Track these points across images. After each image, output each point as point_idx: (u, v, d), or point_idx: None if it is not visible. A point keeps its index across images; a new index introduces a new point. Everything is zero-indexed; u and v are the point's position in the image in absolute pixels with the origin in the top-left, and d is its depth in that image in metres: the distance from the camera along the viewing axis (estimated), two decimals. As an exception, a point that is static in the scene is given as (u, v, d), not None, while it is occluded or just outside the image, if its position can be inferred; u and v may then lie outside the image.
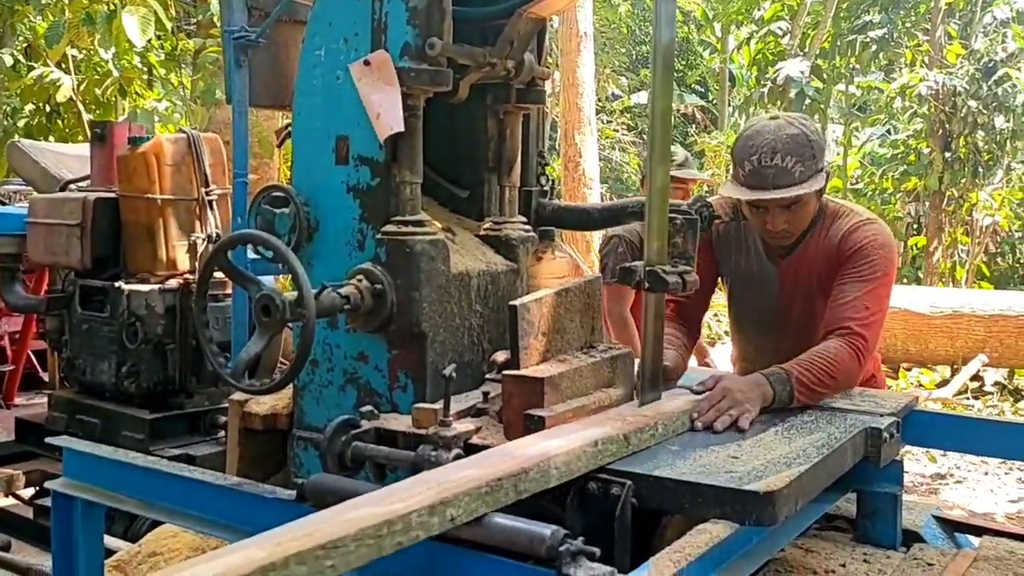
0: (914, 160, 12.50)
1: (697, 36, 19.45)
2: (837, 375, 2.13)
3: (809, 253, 2.42)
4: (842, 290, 2.28)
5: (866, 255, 2.31)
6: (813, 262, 2.41)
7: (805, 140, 2.26)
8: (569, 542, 1.31)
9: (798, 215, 2.33)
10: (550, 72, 2.40)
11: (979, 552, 2.02)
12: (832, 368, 2.12)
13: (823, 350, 2.17)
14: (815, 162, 2.27)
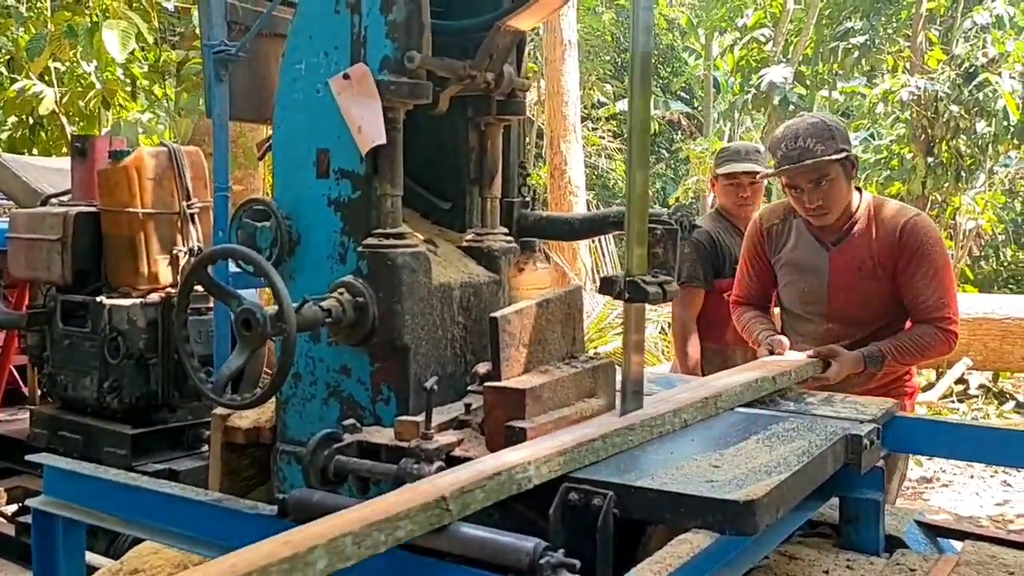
0: (897, 165, 12.58)
1: (682, 43, 19.55)
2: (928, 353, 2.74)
3: (857, 241, 2.77)
4: (922, 285, 2.72)
5: (929, 250, 2.72)
6: (863, 249, 2.76)
7: (824, 126, 2.70)
8: (549, 554, 1.32)
9: (830, 192, 2.70)
10: (530, 83, 2.41)
11: (961, 557, 2.03)
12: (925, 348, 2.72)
13: (920, 335, 2.73)
14: (835, 142, 2.66)
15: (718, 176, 3.89)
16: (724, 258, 3.77)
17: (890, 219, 2.75)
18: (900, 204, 2.87)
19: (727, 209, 3.91)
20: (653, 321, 8.96)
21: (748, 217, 3.95)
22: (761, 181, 3.86)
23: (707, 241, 3.75)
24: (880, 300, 2.79)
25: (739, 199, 3.83)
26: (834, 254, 2.80)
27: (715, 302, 3.76)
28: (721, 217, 3.92)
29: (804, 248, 2.85)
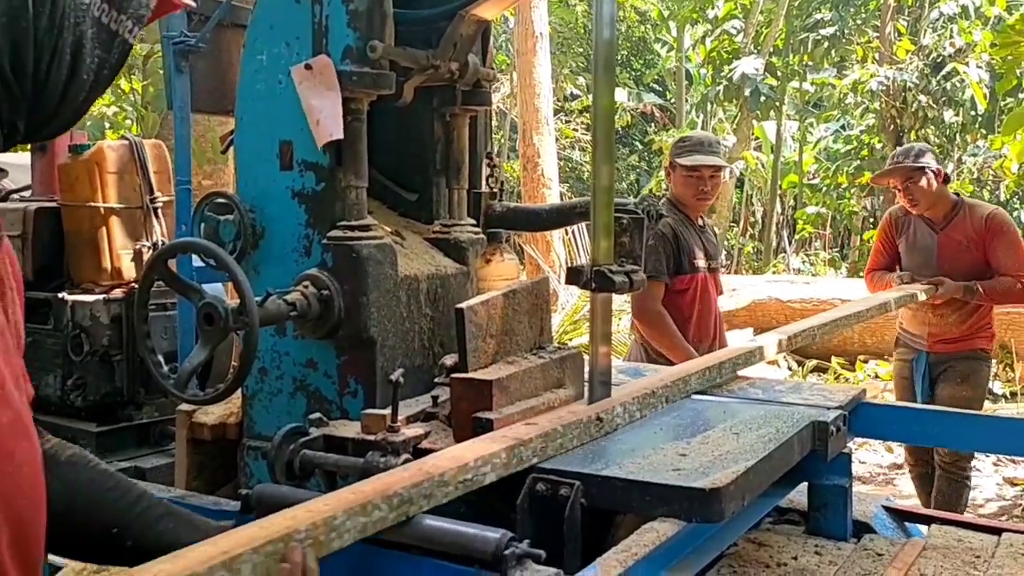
0: (867, 155, 12.70)
1: (653, 35, 19.60)
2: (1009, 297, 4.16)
3: (958, 227, 4.15)
4: (1004, 256, 4.08)
5: (1007, 230, 4.14)
6: (962, 233, 4.14)
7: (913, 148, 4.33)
8: (515, 545, 1.31)
9: (924, 189, 4.12)
10: (495, 73, 2.40)
11: (928, 541, 2.05)
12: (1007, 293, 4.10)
13: (1002, 282, 4.07)
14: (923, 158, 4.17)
15: (677, 165, 3.74)
16: (683, 252, 3.66)
17: (979, 211, 4.21)
18: (983, 202, 4.38)
19: (682, 200, 3.76)
20: (626, 312, 8.99)
21: (702, 210, 3.88)
22: (719, 175, 3.78)
23: (670, 235, 3.63)
24: (971, 266, 4.13)
25: (699, 192, 3.71)
26: (941, 236, 4.18)
27: (675, 300, 3.66)
28: (675, 208, 3.76)
29: (921, 233, 4.23)
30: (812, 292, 8.58)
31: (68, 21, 0.95)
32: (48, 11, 0.93)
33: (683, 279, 3.65)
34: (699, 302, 3.71)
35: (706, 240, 3.81)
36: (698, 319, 3.72)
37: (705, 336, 3.65)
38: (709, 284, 3.77)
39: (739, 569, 1.86)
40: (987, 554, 1.95)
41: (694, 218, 3.80)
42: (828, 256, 15.30)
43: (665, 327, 3.60)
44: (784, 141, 15.19)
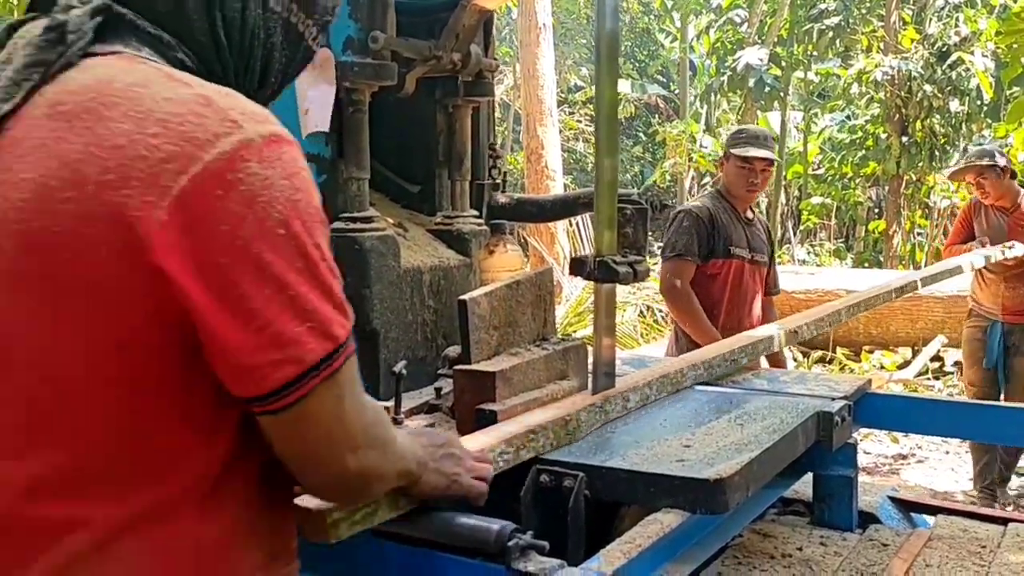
0: (872, 145, 12.64)
1: (657, 26, 19.53)
2: None
3: (1021, 213, 4.83)
4: None
5: None
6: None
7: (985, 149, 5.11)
8: (518, 536, 1.30)
9: (994, 182, 4.78)
10: (498, 64, 2.39)
11: (933, 531, 2.04)
12: None
13: None
14: (1001, 160, 4.81)
15: (731, 156, 3.83)
16: (720, 238, 3.73)
17: None
18: None
19: (731, 191, 3.85)
20: (632, 304, 8.98)
21: (750, 202, 3.95)
22: (770, 169, 3.89)
23: (707, 218, 3.72)
24: None
25: (749, 184, 3.81)
26: (1010, 221, 4.84)
27: (706, 282, 3.72)
28: (721, 198, 3.86)
29: (992, 218, 4.91)
30: (817, 283, 8.56)
31: (261, 31, 1.04)
32: (250, 19, 1.03)
33: (716, 263, 3.72)
34: (731, 289, 3.76)
35: (751, 233, 3.87)
36: (729, 305, 3.76)
37: (737, 325, 3.65)
38: (748, 274, 3.81)
39: (744, 560, 1.85)
40: (993, 544, 1.94)
41: (742, 210, 3.87)
42: (833, 247, 15.26)
43: (687, 305, 3.64)
44: (789, 131, 15.13)
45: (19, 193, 0.88)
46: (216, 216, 0.85)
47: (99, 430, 0.89)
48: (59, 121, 0.89)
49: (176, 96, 0.89)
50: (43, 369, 0.88)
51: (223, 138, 0.87)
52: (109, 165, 0.85)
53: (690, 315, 3.64)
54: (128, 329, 0.87)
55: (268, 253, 0.87)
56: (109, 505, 0.90)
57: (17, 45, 0.95)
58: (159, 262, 0.84)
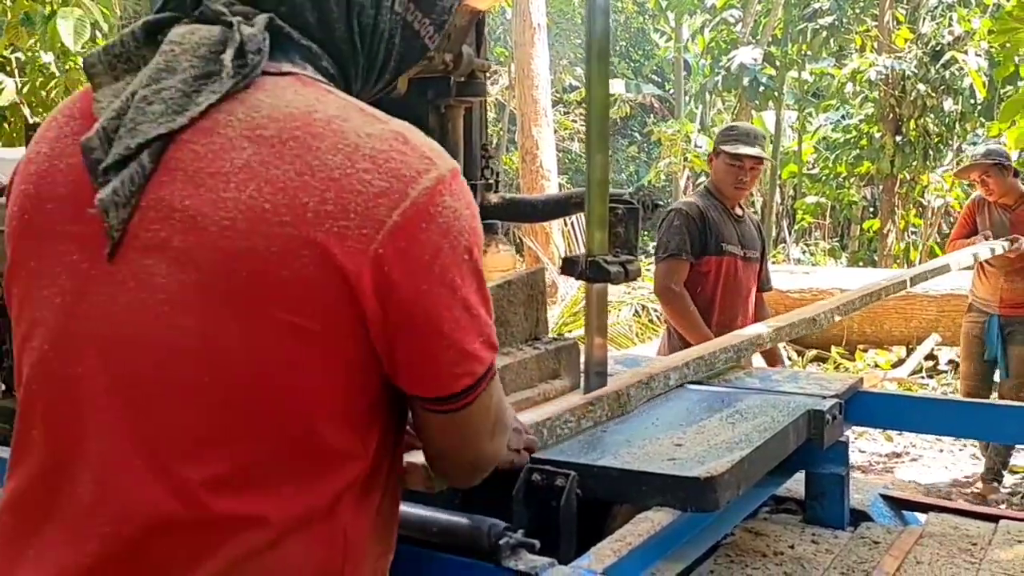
0: (866, 144, 12.67)
1: (652, 26, 19.56)
2: None
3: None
4: None
5: None
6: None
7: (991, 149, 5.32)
8: (509, 535, 1.31)
9: (998, 180, 5.04)
10: (490, 64, 2.39)
11: (925, 529, 2.05)
12: None
13: None
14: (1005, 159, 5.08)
15: (721, 152, 3.82)
16: (711, 235, 3.73)
17: None
18: None
19: (721, 189, 3.85)
20: (627, 304, 8.99)
21: (740, 199, 3.94)
22: (759, 167, 3.89)
23: (697, 216, 3.72)
24: None
25: (738, 181, 3.80)
26: (1012, 217, 5.08)
27: (699, 280, 3.72)
28: (711, 195, 3.86)
29: (995, 214, 5.14)
30: (812, 282, 8.58)
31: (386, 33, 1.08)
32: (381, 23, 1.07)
33: (708, 261, 3.72)
34: (724, 286, 3.76)
35: (743, 230, 3.87)
36: (723, 303, 3.76)
37: (732, 322, 3.66)
38: (741, 271, 3.81)
39: (736, 558, 1.86)
40: (984, 541, 1.95)
41: (731, 207, 3.87)
42: (828, 246, 15.29)
43: (681, 306, 3.64)
44: (783, 131, 15.16)
45: (223, 212, 0.91)
46: (421, 247, 0.93)
47: (278, 432, 0.95)
48: (263, 146, 0.92)
49: (375, 132, 0.95)
50: (232, 378, 0.93)
51: (424, 175, 0.94)
52: (328, 196, 0.91)
53: (685, 317, 3.64)
54: (322, 344, 0.94)
55: (458, 279, 0.96)
56: (284, 502, 0.95)
57: (175, 52, 0.95)
58: (367, 288, 0.92)
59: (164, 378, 0.93)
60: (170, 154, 0.94)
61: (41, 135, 1.04)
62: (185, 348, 0.92)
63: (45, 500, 0.97)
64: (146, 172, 0.93)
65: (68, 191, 0.98)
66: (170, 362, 0.93)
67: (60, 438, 0.97)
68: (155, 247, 0.93)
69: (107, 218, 0.92)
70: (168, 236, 0.92)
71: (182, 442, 0.93)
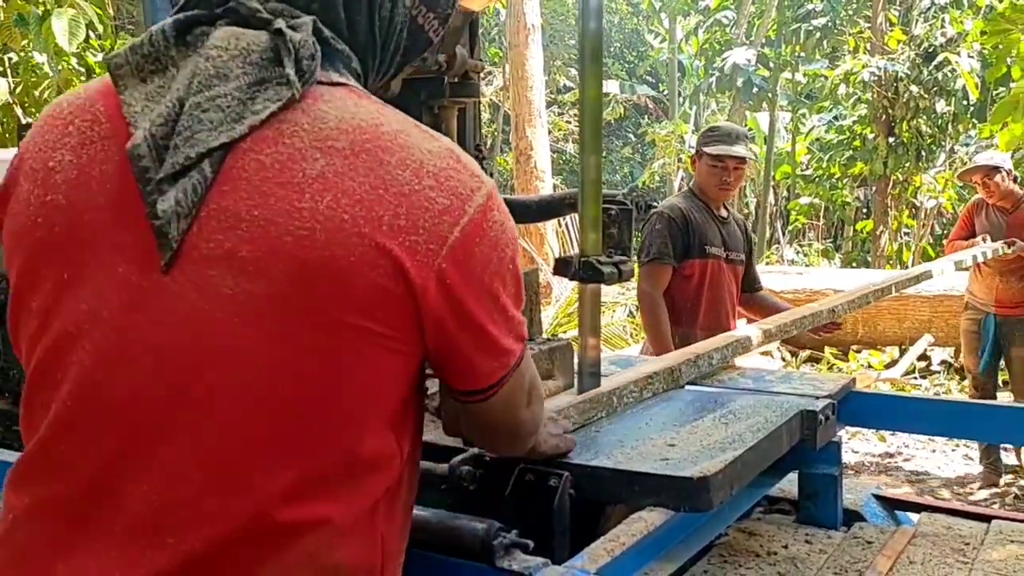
0: (859, 145, 12.71)
1: (646, 27, 19.58)
2: None
3: (1020, 214, 5.24)
4: None
5: None
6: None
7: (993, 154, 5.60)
8: (502, 535, 1.31)
9: (998, 183, 5.21)
10: (484, 65, 2.39)
11: (918, 529, 2.06)
12: None
13: None
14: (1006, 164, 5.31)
15: (703, 154, 3.76)
16: (694, 237, 3.68)
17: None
18: None
19: (704, 190, 3.79)
20: (622, 304, 9.00)
21: (724, 200, 3.90)
22: (743, 167, 3.82)
23: (679, 219, 3.66)
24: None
25: (722, 182, 3.74)
26: (1009, 220, 5.24)
27: (683, 283, 3.68)
28: (695, 197, 3.81)
29: (992, 217, 5.31)
30: (805, 283, 8.60)
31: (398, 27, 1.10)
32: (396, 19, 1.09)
33: (691, 264, 3.67)
34: (709, 288, 3.72)
35: (727, 232, 3.82)
36: (708, 306, 3.72)
37: (716, 325, 3.63)
38: (724, 274, 3.77)
39: (729, 558, 1.86)
40: (976, 541, 1.95)
41: (715, 208, 3.82)
42: (822, 247, 15.32)
43: (652, 311, 3.61)
44: (777, 132, 15.19)
45: (298, 221, 0.92)
46: (475, 261, 0.99)
47: (341, 438, 0.97)
48: (336, 157, 0.94)
49: (434, 149, 0.99)
50: (301, 386, 0.94)
51: (476, 192, 1.00)
52: (400, 211, 0.94)
53: (652, 322, 3.61)
54: (389, 348, 0.97)
55: (500, 287, 1.03)
56: (342, 507, 0.98)
57: (223, 57, 0.94)
58: (431, 299, 0.97)
59: (230, 388, 0.92)
60: (230, 163, 0.93)
61: (52, 139, 0.99)
62: (253, 357, 0.92)
63: (80, 516, 0.94)
64: (208, 182, 0.92)
65: (108, 200, 0.95)
66: (237, 372, 0.92)
67: (102, 453, 0.94)
68: (219, 258, 0.92)
69: (168, 229, 0.91)
70: (234, 246, 0.92)
71: (249, 452, 0.93)
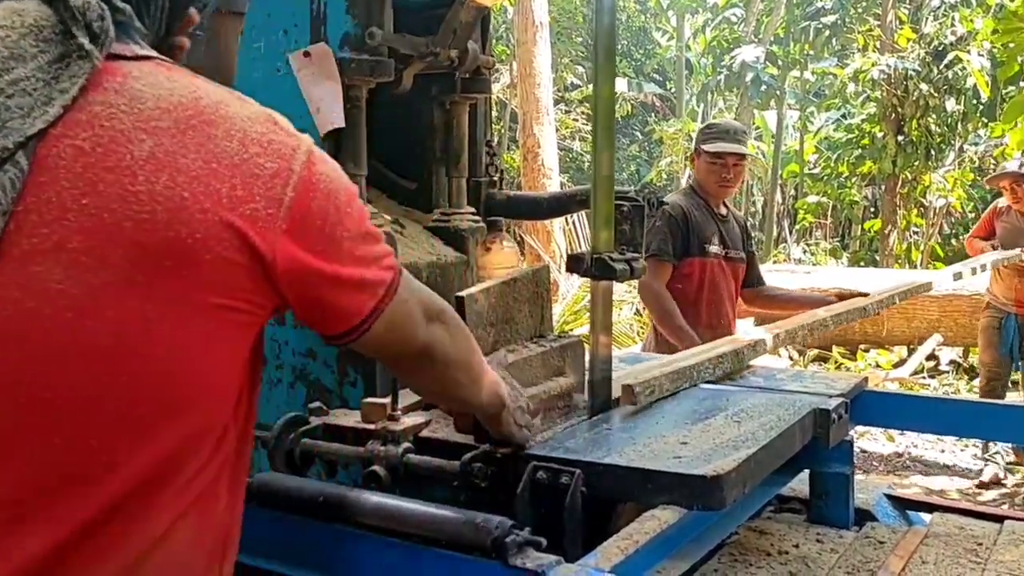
0: (868, 144, 12.66)
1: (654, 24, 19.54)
2: None
3: None
4: None
5: None
6: None
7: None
8: (515, 533, 1.30)
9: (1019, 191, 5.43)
10: (495, 60, 2.38)
11: (930, 529, 2.05)
12: None
13: None
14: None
15: (701, 152, 3.76)
16: (694, 235, 3.68)
17: None
18: None
19: (704, 188, 3.79)
20: (628, 303, 8.98)
21: (724, 198, 3.90)
22: (743, 164, 3.81)
23: (679, 216, 3.65)
24: None
25: (722, 179, 3.73)
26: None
27: (682, 281, 3.68)
28: (695, 194, 3.81)
29: (1013, 219, 5.53)
30: (813, 282, 8.57)
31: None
32: None
33: (691, 262, 3.66)
34: (708, 287, 3.71)
35: (726, 230, 3.81)
36: (708, 305, 3.71)
37: (717, 323, 3.64)
38: (724, 271, 3.76)
39: (740, 557, 1.86)
40: (989, 541, 1.94)
41: (715, 205, 3.81)
42: (829, 246, 15.28)
43: (662, 306, 3.59)
44: (785, 130, 15.15)
45: (135, 205, 0.90)
46: (314, 215, 1.01)
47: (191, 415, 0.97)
48: (163, 137, 0.93)
49: (252, 115, 1.00)
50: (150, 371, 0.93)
51: (298, 150, 1.02)
52: (236, 182, 0.95)
53: (665, 316, 3.58)
54: (245, 322, 1.00)
55: (345, 231, 1.05)
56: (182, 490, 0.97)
57: (11, 36, 0.91)
58: (280, 263, 0.98)
59: (68, 384, 0.89)
60: (43, 152, 0.88)
61: None
62: (95, 350, 0.89)
63: None
64: (25, 175, 0.87)
65: None
66: (77, 366, 0.89)
67: None
68: (46, 252, 0.87)
69: None
70: (63, 238, 0.88)
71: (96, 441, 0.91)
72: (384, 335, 1.14)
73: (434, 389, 1.40)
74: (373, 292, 1.10)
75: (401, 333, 1.18)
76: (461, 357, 1.33)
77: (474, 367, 1.38)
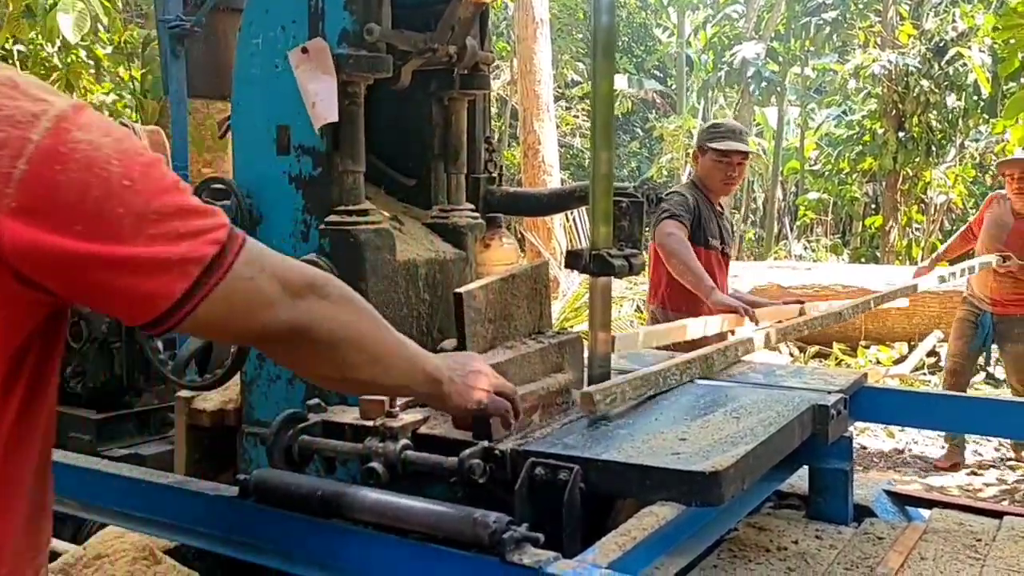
0: (869, 140, 12.65)
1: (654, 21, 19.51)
2: None
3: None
4: None
5: None
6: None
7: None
8: (513, 528, 1.30)
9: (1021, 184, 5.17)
10: (494, 57, 2.38)
11: (929, 525, 2.05)
12: None
13: None
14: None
15: (707, 149, 3.86)
16: (699, 227, 3.80)
17: None
18: None
19: (708, 184, 3.90)
20: (628, 299, 8.98)
21: (726, 195, 4.02)
22: (746, 163, 3.94)
23: (692, 204, 3.78)
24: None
25: (727, 176, 3.87)
26: (1017, 222, 5.26)
27: None
28: (697, 189, 3.91)
29: (1005, 213, 5.36)
30: (813, 278, 8.57)
31: None
32: None
33: (697, 251, 3.73)
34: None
35: (722, 225, 3.97)
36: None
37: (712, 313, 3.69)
38: (720, 265, 3.92)
39: (739, 553, 1.85)
40: (988, 537, 1.94)
41: (715, 201, 3.92)
42: (830, 242, 15.27)
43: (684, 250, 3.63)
44: (786, 127, 15.13)
45: None
46: (64, 189, 0.90)
47: None
48: None
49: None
50: None
51: (41, 117, 0.90)
52: None
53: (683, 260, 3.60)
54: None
55: (122, 206, 0.93)
56: None
57: None
58: (14, 244, 0.88)
59: None
60: None
61: None
62: None
63: None
64: None
65: None
66: None
67: None
68: None
69: None
70: None
71: None
72: (224, 317, 1.03)
73: (327, 373, 1.25)
74: (183, 272, 0.97)
75: (248, 314, 1.06)
76: (351, 334, 1.20)
77: (372, 344, 1.24)
